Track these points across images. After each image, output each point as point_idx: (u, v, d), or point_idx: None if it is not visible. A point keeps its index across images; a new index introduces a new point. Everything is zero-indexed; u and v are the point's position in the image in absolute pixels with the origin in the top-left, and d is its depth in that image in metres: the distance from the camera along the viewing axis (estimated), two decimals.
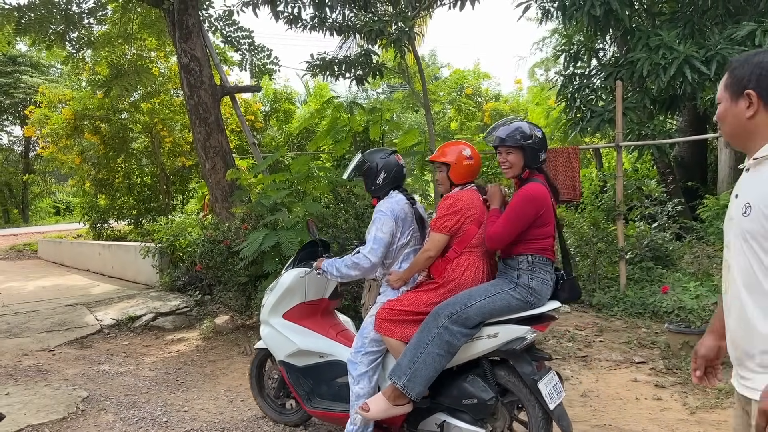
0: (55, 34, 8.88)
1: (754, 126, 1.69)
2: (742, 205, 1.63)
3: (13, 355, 5.96)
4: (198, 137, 8.05)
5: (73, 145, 12.62)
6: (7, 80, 22.13)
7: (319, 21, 6.42)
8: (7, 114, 24.40)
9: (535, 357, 3.11)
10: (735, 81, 1.73)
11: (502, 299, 3.05)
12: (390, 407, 3.14)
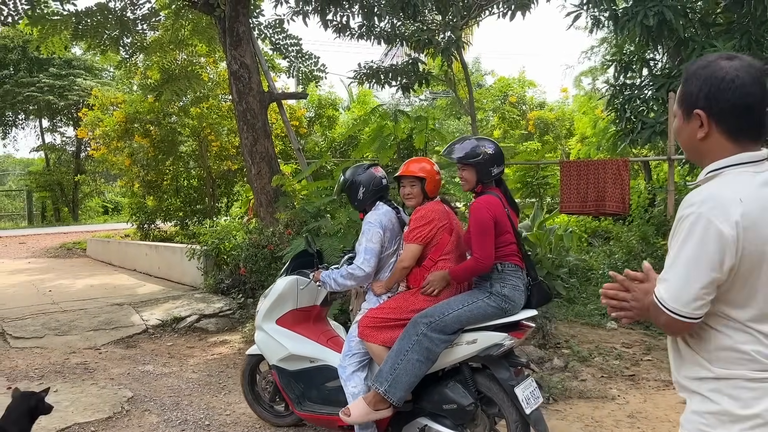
0: (109, 39, 9.15)
1: (706, 148, 1.55)
2: None
3: (62, 352, 6.13)
4: (245, 142, 8.17)
5: (124, 147, 12.94)
6: (62, 83, 22.86)
7: (367, 30, 6.45)
8: (60, 115, 25.21)
9: (513, 363, 3.26)
10: (686, 96, 1.58)
11: (478, 308, 3.22)
12: (371, 412, 3.28)
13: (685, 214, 1.47)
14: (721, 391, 1.49)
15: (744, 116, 1.50)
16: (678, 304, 1.47)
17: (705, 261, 1.43)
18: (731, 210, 1.42)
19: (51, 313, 7.37)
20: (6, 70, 23.16)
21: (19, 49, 22.69)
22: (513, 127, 18.73)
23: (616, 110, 8.48)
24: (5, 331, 6.63)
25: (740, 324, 1.49)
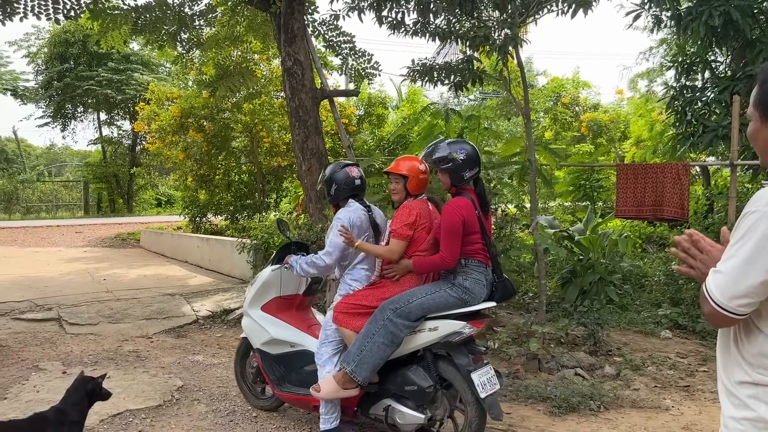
0: (167, 34, 9.35)
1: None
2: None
3: (115, 339, 6.29)
4: (296, 139, 8.22)
5: (179, 141, 13.23)
6: (119, 77, 23.56)
7: (422, 26, 6.39)
8: (118, 109, 25.98)
9: (473, 351, 3.54)
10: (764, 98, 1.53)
11: (440, 296, 3.49)
12: (339, 390, 3.55)
13: (749, 211, 1.45)
14: (759, 398, 1.48)
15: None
16: (723, 297, 1.45)
17: (761, 260, 1.41)
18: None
19: (105, 301, 7.58)
20: (67, 64, 24.00)
21: (80, 43, 23.48)
22: (565, 129, 18.39)
23: (676, 113, 8.21)
24: (61, 317, 6.85)
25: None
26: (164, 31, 9.08)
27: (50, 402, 4.35)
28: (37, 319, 6.80)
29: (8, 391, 4.77)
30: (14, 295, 7.83)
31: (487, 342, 5.81)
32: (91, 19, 8.43)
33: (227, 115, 13.24)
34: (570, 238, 7.60)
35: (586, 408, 4.38)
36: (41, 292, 8.05)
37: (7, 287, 8.39)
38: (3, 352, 5.72)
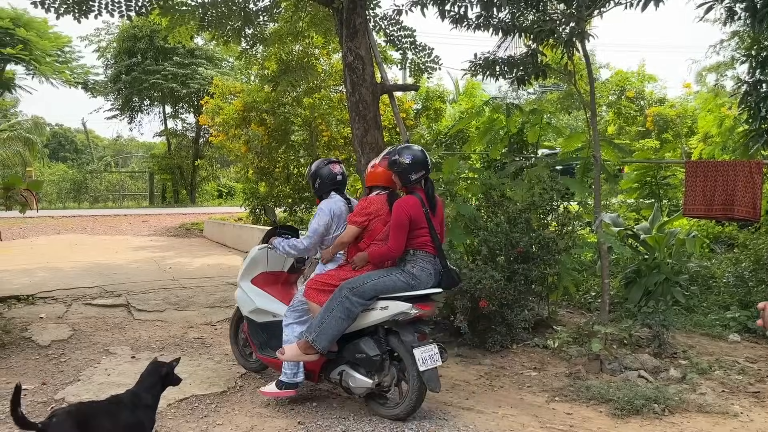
0: (232, 30, 9.53)
1: None
2: None
3: (181, 326, 6.50)
4: (356, 133, 8.27)
5: (241, 134, 13.51)
6: (184, 71, 24.24)
7: (485, 20, 6.33)
8: (183, 102, 26.76)
9: (419, 330, 4.11)
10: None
11: (390, 280, 4.09)
12: (300, 355, 4.16)
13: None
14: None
15: None
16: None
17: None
18: None
19: (171, 289, 7.84)
20: (134, 58, 24.84)
21: (147, 38, 24.27)
22: (629, 124, 17.87)
23: (750, 109, 7.85)
24: (130, 304, 7.13)
25: None
26: (229, 26, 9.28)
27: (120, 385, 4.55)
28: (107, 304, 7.10)
29: (81, 373, 5.01)
30: (86, 281, 8.20)
31: (546, 341, 5.74)
32: (161, 15, 8.69)
33: (287, 109, 13.43)
34: (635, 236, 7.40)
35: (650, 411, 4.28)
36: (111, 278, 8.40)
37: (79, 273, 8.79)
38: (76, 336, 6.00)
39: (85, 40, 27.07)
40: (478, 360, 5.49)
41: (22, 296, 7.15)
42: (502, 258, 5.80)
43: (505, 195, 6.35)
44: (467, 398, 4.62)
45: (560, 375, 5.10)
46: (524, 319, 5.74)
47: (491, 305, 5.41)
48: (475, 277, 5.39)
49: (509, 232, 5.77)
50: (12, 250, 11.33)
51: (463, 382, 4.98)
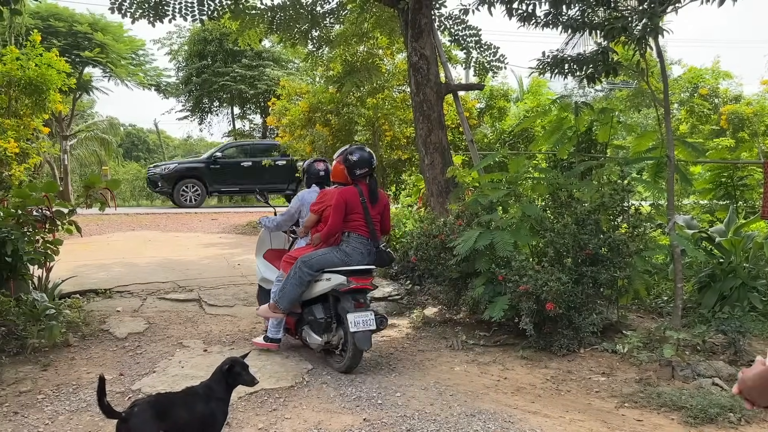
0: (299, 32, 9.76)
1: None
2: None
3: (249, 321, 6.67)
4: (420, 133, 8.31)
5: (306, 135, 13.74)
6: (252, 73, 24.86)
7: (554, 17, 6.23)
8: (250, 103, 27.44)
9: (357, 299, 5.00)
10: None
11: (329, 256, 5.13)
12: (269, 312, 5.40)
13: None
14: None
15: None
16: None
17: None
18: None
19: (240, 285, 8.06)
20: (205, 61, 25.65)
21: (216, 41, 25.01)
22: (702, 122, 17.17)
23: None
24: (201, 298, 7.37)
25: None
26: (297, 29, 9.50)
27: (194, 377, 4.73)
28: (179, 299, 7.36)
29: (156, 365, 5.22)
30: (159, 276, 8.52)
31: (615, 345, 5.60)
32: (232, 19, 8.98)
33: (351, 110, 13.57)
34: (709, 239, 7.12)
35: (725, 420, 4.12)
36: (183, 274, 8.70)
37: (154, 269, 9.14)
38: (151, 329, 6.25)
39: (158, 43, 28.26)
40: (544, 363, 5.41)
41: (100, 290, 7.49)
42: (570, 260, 5.70)
43: (573, 195, 6.23)
44: (533, 401, 4.57)
45: (630, 381, 4.98)
46: (592, 322, 5.62)
47: (558, 308, 5.32)
48: (541, 279, 5.32)
49: (577, 233, 5.66)
50: (90, 245, 11.89)
51: (529, 385, 4.93)
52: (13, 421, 4.05)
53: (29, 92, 13.44)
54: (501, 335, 6.07)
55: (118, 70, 23.24)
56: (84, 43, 21.91)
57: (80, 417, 4.15)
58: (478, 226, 6.11)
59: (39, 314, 5.57)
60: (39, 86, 13.32)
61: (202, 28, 23.53)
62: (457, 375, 5.16)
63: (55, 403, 4.36)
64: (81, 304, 6.83)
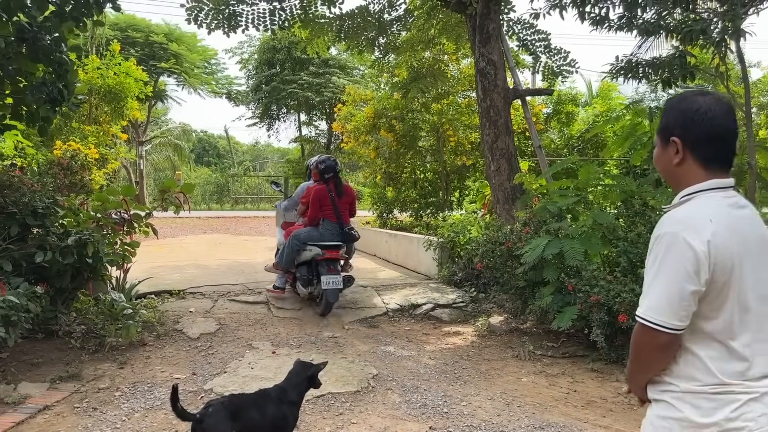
0: (366, 40, 9.86)
1: (681, 173, 1.74)
2: None
3: (315, 325, 6.77)
4: (486, 139, 8.23)
5: (370, 140, 13.86)
6: (319, 80, 25.30)
7: (628, 21, 6.06)
8: (316, 110, 27.91)
9: (331, 266, 6.84)
10: (664, 126, 1.77)
11: (312, 233, 7.07)
12: (273, 270, 7.59)
13: (662, 233, 1.64)
14: (684, 400, 1.67)
15: (715, 145, 1.69)
16: (663, 316, 1.61)
17: (683, 275, 1.59)
18: (703, 229, 1.60)
19: None
20: (273, 69, 26.28)
21: (285, 50, 25.59)
22: None
23: None
24: (269, 301, 7.53)
25: (707, 336, 1.66)
26: (364, 36, 9.59)
27: (263, 379, 4.83)
28: (249, 301, 7.54)
29: (227, 365, 5.36)
30: (230, 278, 8.77)
31: None
32: (302, 28, 9.16)
33: (415, 115, 13.60)
34: None
35: None
36: (252, 276, 8.92)
37: (224, 271, 9.41)
38: (222, 330, 6.43)
39: (230, 52, 29.24)
40: (616, 377, 5.25)
41: (174, 291, 7.77)
42: (644, 271, 5.51)
43: (648, 203, 6.03)
44: (604, 416, 4.44)
45: None
46: None
47: (631, 320, 5.15)
48: (614, 289, 5.17)
49: None
50: (165, 247, 12.37)
51: (600, 398, 4.79)
52: (93, 416, 4.24)
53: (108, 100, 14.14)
54: (570, 346, 5.93)
55: (191, 79, 24.10)
56: (160, 53, 22.84)
57: (155, 415, 4.30)
58: (547, 234, 5.99)
59: (117, 314, 5.82)
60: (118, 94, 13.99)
61: (271, 37, 24.13)
62: (524, 386, 5.08)
63: (131, 401, 4.54)
64: (156, 304, 7.10)
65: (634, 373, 1.80)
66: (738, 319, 1.66)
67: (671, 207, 1.74)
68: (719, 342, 1.66)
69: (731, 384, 1.65)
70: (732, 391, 1.64)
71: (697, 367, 1.67)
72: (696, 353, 1.67)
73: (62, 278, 5.68)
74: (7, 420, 4.09)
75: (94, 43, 17.91)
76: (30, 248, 5.54)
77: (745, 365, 1.66)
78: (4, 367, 5.04)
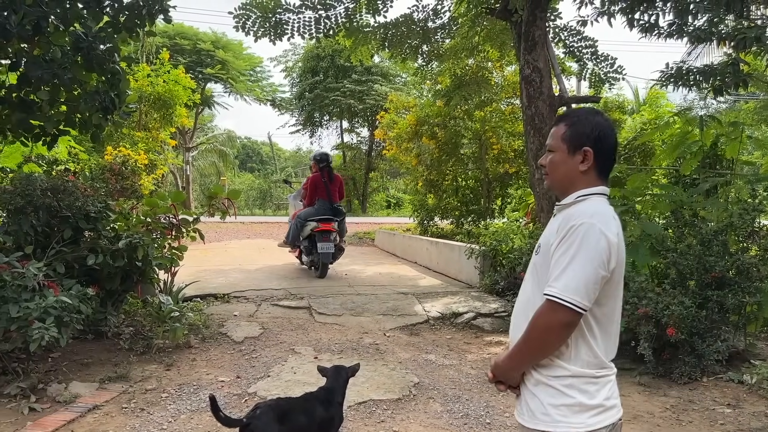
0: (410, 48, 9.89)
1: (581, 179, 1.95)
2: (536, 245, 2.01)
3: (356, 331, 6.79)
4: (530, 146, 8.14)
5: (412, 147, 13.89)
6: (361, 88, 25.49)
7: (678, 28, 5.93)
8: (358, 117, 28.10)
9: (325, 237, 9.03)
10: (575, 135, 1.95)
11: (310, 211, 9.49)
12: (283, 245, 10.36)
13: (577, 224, 1.81)
14: (574, 386, 1.85)
15: (612, 158, 1.98)
16: (578, 296, 1.76)
17: (599, 261, 1.78)
18: (612, 223, 1.86)
19: (347, 295, 8.23)
20: (317, 77, 26.59)
21: (329, 57, 25.86)
22: None
23: None
24: (311, 306, 7.59)
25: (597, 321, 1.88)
26: (408, 44, 9.62)
27: (305, 383, 4.87)
28: (291, 306, 7.62)
29: (270, 369, 5.42)
30: (272, 283, 8.88)
31: (742, 375, 5.21)
32: (346, 36, 9.25)
33: (458, 123, 13.58)
34: None
35: None
36: (294, 282, 9.02)
37: (267, 276, 9.54)
38: (265, 334, 6.51)
39: (274, 60, 29.67)
40: (663, 391, 5.12)
41: (219, 294, 7.91)
42: (693, 283, 5.37)
43: (698, 214, 5.88)
44: (651, 430, 4.33)
45: (759, 414, 4.60)
46: (717, 350, 5.26)
47: (680, 333, 5.03)
48: (662, 302, 5.05)
49: (702, 254, 5.33)
50: (210, 252, 12.60)
51: (647, 413, 4.68)
52: (140, 417, 4.33)
53: (158, 107, 14.50)
54: (615, 359, 5.80)
55: (237, 85, 24.54)
56: (207, 60, 23.35)
57: (200, 417, 4.38)
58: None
59: (164, 316, 5.95)
60: (167, 101, 14.35)
61: (315, 45, 24.42)
62: None
63: (177, 402, 4.62)
64: (202, 307, 7.24)
65: (529, 355, 1.89)
66: (616, 307, 1.94)
67: (566, 204, 1.94)
68: (605, 327, 1.91)
69: (608, 366, 1.92)
70: (608, 374, 1.92)
71: (586, 350, 1.87)
72: (586, 337, 1.87)
73: (112, 280, 5.84)
74: (59, 418, 4.23)
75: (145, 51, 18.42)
76: (82, 251, 5.72)
77: (615, 348, 1.96)
78: (56, 366, 5.21)
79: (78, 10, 5.26)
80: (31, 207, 5.62)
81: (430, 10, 9.53)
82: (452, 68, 10.98)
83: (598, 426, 1.85)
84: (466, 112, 13.42)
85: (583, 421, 1.84)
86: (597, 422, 1.85)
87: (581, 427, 1.83)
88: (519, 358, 1.91)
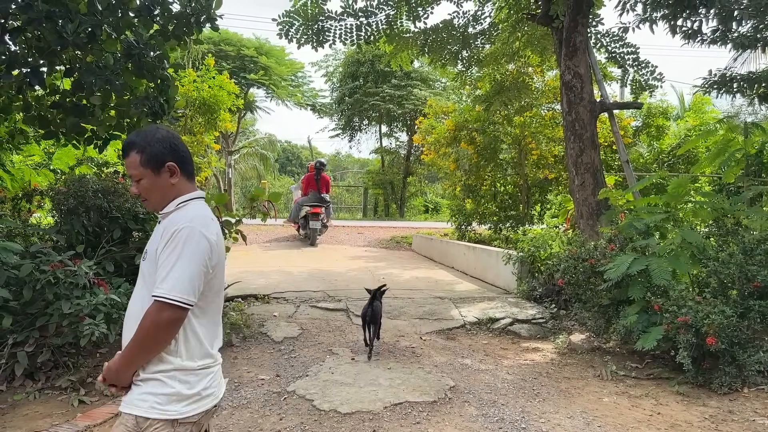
0: (450, 53, 9.95)
1: (176, 188, 2.16)
2: (144, 252, 2.16)
3: (393, 334, 6.87)
4: (570, 153, 8.12)
5: (451, 152, 13.92)
6: (400, 93, 25.59)
7: (722, 34, 5.86)
8: (397, 122, 28.22)
9: (315, 217, 14.29)
10: (153, 157, 2.12)
11: (305, 199, 14.72)
12: (289, 223, 16.19)
13: (179, 228, 2.00)
14: (175, 378, 2.02)
15: (191, 163, 2.23)
16: (185, 294, 1.95)
17: (200, 261, 2.00)
18: (212, 225, 2.10)
19: (384, 298, 8.29)
20: (357, 82, 26.81)
21: (369, 63, 26.05)
22: None
23: None
24: (348, 309, 7.70)
25: (205, 315, 2.10)
26: (447, 50, 9.69)
27: (342, 383, 4.98)
28: (329, 308, 7.74)
29: (309, 369, 5.54)
30: (311, 285, 9.03)
31: None
32: (387, 42, 9.36)
33: (497, 128, 13.56)
34: None
35: None
36: (332, 284, 9.15)
37: (306, 278, 9.70)
38: (304, 335, 6.65)
39: (315, 65, 29.98)
40: (702, 401, 5.05)
41: (259, 295, 8.09)
42: (735, 292, 5.29)
43: (741, 222, 5.79)
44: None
45: None
46: (759, 360, 5.17)
47: (720, 343, 4.96)
48: (703, 311, 4.99)
49: (744, 264, 5.25)
50: (251, 253, 12.85)
51: (685, 422, 4.63)
52: None
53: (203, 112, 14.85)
54: (654, 368, 5.76)
55: (279, 91, 24.93)
56: (250, 66, 23.79)
57: (241, 413, 4.52)
58: (633, 251, 5.86)
59: None
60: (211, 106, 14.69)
61: (356, 50, 24.65)
62: (605, 406, 4.98)
63: None
64: (243, 307, 7.42)
65: (140, 355, 2.01)
66: (220, 300, 2.17)
67: (169, 212, 2.12)
68: (211, 317, 2.12)
69: (214, 356, 2.13)
70: (212, 364, 2.12)
71: (195, 341, 2.06)
72: (195, 328, 2.06)
73: None
74: (105, 411, 4.43)
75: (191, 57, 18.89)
76: (131, 251, 5.94)
77: (221, 339, 2.20)
78: (104, 361, 5.40)
79: (130, 18, 5.49)
80: (83, 208, 5.88)
81: (471, 16, 9.58)
82: (492, 73, 10.99)
83: (190, 413, 2.04)
84: (505, 117, 13.39)
85: (177, 409, 2.01)
86: (190, 410, 2.04)
87: (174, 414, 2.01)
88: (131, 359, 2.02)
